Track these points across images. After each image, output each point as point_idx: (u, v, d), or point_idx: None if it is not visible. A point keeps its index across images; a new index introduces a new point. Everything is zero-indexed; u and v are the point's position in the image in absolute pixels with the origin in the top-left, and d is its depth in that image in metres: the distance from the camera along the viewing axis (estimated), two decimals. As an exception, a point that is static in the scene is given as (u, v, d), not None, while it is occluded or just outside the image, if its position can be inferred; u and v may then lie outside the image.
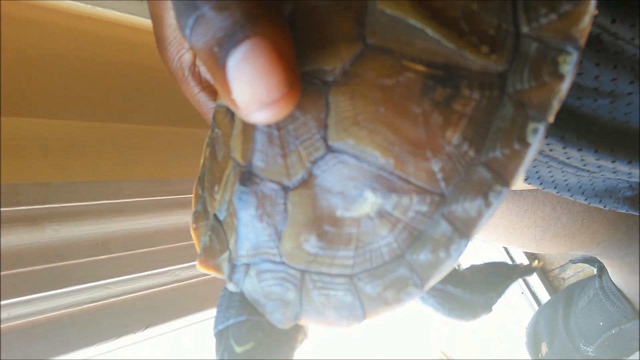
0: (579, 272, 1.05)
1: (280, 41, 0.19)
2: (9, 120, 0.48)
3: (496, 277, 0.30)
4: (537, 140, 0.21)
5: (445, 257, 0.22)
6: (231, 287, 0.27)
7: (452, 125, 0.22)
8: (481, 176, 0.22)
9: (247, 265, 0.26)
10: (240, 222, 0.25)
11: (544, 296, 1.07)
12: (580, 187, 0.45)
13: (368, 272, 0.23)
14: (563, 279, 1.07)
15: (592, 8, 0.21)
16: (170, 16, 0.29)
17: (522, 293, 1.08)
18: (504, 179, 0.21)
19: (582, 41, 0.21)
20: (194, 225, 0.31)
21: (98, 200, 0.48)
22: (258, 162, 0.24)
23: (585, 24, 0.21)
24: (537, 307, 1.06)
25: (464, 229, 0.22)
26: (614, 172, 0.39)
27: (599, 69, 0.33)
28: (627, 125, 0.36)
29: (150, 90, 0.60)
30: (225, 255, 0.27)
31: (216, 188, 0.28)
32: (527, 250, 0.77)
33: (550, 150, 0.38)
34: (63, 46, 0.53)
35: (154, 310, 0.50)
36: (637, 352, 0.90)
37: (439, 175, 0.22)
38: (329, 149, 0.23)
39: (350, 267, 0.23)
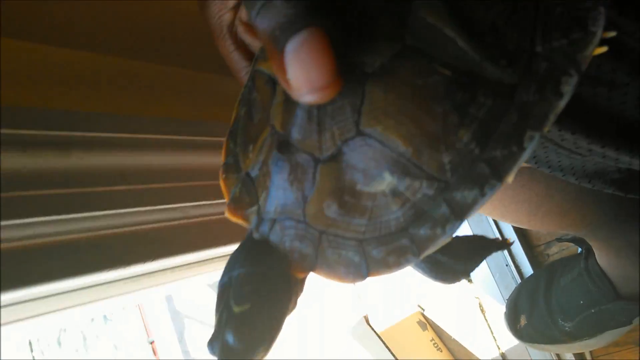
0: (563, 250, 1.09)
1: (333, 33, 0.22)
2: (40, 47, 0.50)
3: (477, 249, 0.35)
4: (531, 146, 0.25)
5: (441, 233, 0.26)
6: (257, 236, 0.30)
7: (465, 125, 0.26)
8: (482, 171, 0.26)
9: (274, 221, 0.30)
10: (273, 183, 0.29)
11: (528, 270, 1.10)
12: (572, 168, 0.47)
13: (376, 239, 0.27)
14: (548, 255, 1.11)
15: (597, 39, 0.25)
16: None
17: (507, 265, 1.12)
18: (499, 175, 0.25)
19: (584, 66, 0.25)
20: (224, 176, 0.34)
21: (120, 134, 0.50)
22: (295, 134, 0.28)
23: (589, 52, 0.25)
24: (519, 280, 1.10)
25: (459, 212, 0.26)
26: (603, 157, 0.42)
27: (601, 58, 0.35)
28: (621, 115, 0.38)
29: (175, 31, 0.62)
30: (254, 208, 0.31)
31: (250, 147, 0.32)
32: (519, 225, 0.80)
33: (547, 131, 0.41)
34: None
35: (164, 243, 0.53)
36: (611, 332, 0.94)
37: (447, 167, 0.26)
38: (359, 132, 0.26)
39: (362, 233, 0.27)
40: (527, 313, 1.01)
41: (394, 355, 1.20)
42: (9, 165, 0.43)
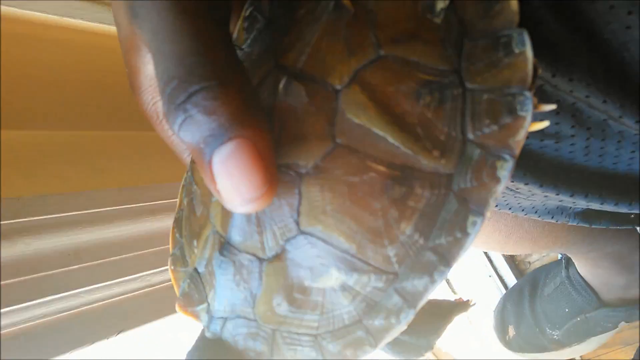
0: (544, 256, 1.09)
1: (260, 142, 0.21)
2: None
3: (437, 320, 0.35)
4: (475, 230, 0.25)
5: (396, 323, 0.26)
6: (209, 335, 0.30)
7: (405, 218, 0.25)
8: (429, 259, 0.25)
9: (224, 320, 0.29)
10: (219, 283, 0.29)
11: (511, 279, 1.10)
12: (533, 207, 0.47)
13: (331, 333, 0.27)
14: (529, 262, 1.11)
15: (527, 123, 0.24)
16: (146, 68, 0.30)
17: (490, 276, 1.11)
18: (447, 261, 0.25)
19: (517, 151, 0.24)
20: (172, 268, 0.34)
21: (68, 212, 0.49)
22: (236, 236, 0.28)
23: (520, 137, 0.24)
24: (504, 290, 1.10)
25: (412, 301, 0.26)
26: (560, 201, 0.41)
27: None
28: (571, 163, 0.38)
29: (118, 95, 0.60)
30: (204, 306, 0.31)
31: (195, 242, 0.32)
32: (492, 252, 0.80)
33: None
34: (30, 55, 0.53)
35: (126, 315, 0.51)
36: (599, 336, 0.94)
37: (394, 259, 0.26)
38: (301, 232, 0.26)
39: (316, 328, 0.27)
40: (515, 324, 1.01)
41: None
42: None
